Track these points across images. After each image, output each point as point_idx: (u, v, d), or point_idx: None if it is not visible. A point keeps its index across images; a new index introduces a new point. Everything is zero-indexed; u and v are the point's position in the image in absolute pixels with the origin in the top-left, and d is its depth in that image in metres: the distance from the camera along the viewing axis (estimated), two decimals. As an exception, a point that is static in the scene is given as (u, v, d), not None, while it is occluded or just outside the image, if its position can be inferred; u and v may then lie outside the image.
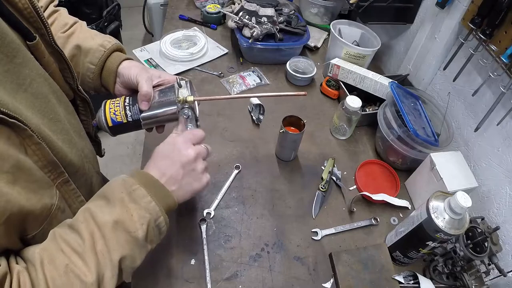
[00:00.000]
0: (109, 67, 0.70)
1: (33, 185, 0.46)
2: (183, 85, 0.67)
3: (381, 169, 0.98)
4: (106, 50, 0.70)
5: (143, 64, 0.73)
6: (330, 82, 1.18)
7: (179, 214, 0.82)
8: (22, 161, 0.44)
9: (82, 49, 0.70)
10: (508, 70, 0.76)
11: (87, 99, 0.70)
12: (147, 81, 0.67)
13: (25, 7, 0.51)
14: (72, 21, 0.73)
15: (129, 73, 0.69)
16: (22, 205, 0.43)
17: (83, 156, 0.61)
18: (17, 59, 0.47)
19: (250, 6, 1.20)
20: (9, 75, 0.45)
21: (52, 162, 0.49)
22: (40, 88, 0.52)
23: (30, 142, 0.45)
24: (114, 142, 2.19)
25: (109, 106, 0.67)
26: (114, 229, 0.49)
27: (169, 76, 0.72)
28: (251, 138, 1.01)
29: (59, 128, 0.54)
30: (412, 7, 1.13)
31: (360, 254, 0.77)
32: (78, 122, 0.66)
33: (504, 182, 0.81)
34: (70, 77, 0.64)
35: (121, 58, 0.72)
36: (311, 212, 0.87)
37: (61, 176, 0.52)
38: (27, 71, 0.49)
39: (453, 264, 0.74)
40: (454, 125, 0.97)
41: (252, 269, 0.76)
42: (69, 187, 0.54)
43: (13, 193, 0.42)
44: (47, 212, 0.49)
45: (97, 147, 0.78)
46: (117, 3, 1.91)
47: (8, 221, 0.42)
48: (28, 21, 0.52)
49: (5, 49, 0.45)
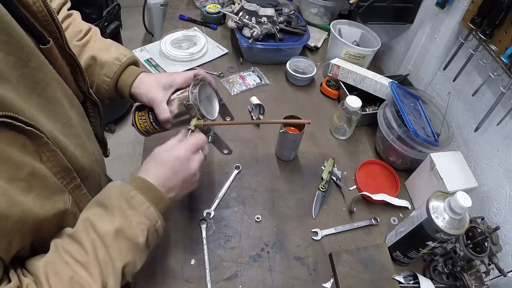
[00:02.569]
0: (124, 81, 0.70)
1: (47, 192, 0.46)
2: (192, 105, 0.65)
3: (381, 169, 0.98)
4: (122, 64, 0.70)
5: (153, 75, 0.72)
6: (330, 82, 1.18)
7: (179, 214, 0.82)
8: (37, 168, 0.44)
9: (98, 61, 0.70)
10: (508, 70, 0.76)
11: (97, 102, 0.70)
12: (161, 104, 0.67)
13: (39, 10, 0.50)
14: (86, 28, 0.73)
15: (140, 94, 0.70)
16: (36, 213, 0.43)
17: (94, 160, 0.61)
18: (32, 63, 0.47)
19: (250, 6, 1.20)
20: (24, 80, 0.45)
21: (66, 168, 0.49)
22: (54, 93, 0.51)
23: (45, 149, 0.45)
24: (114, 142, 2.19)
25: (138, 119, 0.73)
26: (115, 237, 0.49)
27: (180, 79, 0.70)
28: (251, 138, 1.01)
29: (72, 133, 0.54)
30: (412, 7, 1.13)
31: (360, 254, 0.77)
32: (88, 125, 0.66)
33: (504, 182, 0.81)
34: (81, 80, 0.64)
35: (136, 73, 0.71)
36: (311, 212, 0.87)
37: (74, 181, 0.52)
38: (41, 76, 0.49)
39: (453, 264, 0.74)
40: (454, 125, 0.97)
41: (252, 269, 0.76)
42: (80, 192, 0.55)
43: (28, 201, 0.42)
44: (60, 217, 0.49)
45: (103, 148, 0.79)
46: (117, 3, 1.91)
47: (22, 229, 0.42)
48: (42, 25, 0.52)
49: (20, 53, 0.44)
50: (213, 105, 0.74)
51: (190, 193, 0.82)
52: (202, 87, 0.69)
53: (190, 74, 0.71)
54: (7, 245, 0.41)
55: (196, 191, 0.87)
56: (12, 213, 0.40)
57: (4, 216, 0.39)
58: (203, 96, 0.70)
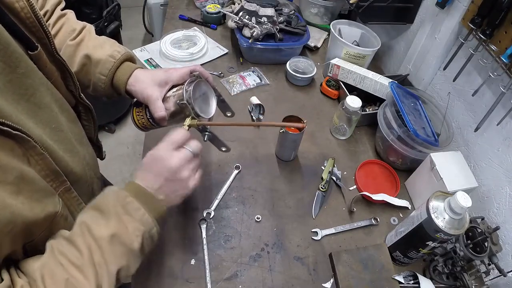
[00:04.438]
0: (120, 78, 0.69)
1: (37, 195, 0.46)
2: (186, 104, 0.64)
3: (381, 169, 0.98)
4: (116, 61, 0.69)
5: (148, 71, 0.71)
6: (330, 82, 1.18)
7: (179, 214, 0.82)
8: (26, 171, 0.44)
9: (92, 59, 0.69)
10: (508, 70, 0.76)
11: (89, 106, 0.70)
12: (155, 102, 0.66)
13: (27, 17, 0.50)
14: (80, 27, 0.72)
15: (135, 92, 0.69)
16: (26, 216, 0.44)
17: (85, 164, 0.61)
18: (20, 69, 0.46)
19: (250, 6, 1.20)
20: (12, 86, 0.45)
21: (55, 171, 0.50)
22: (43, 98, 0.51)
23: (33, 152, 0.45)
24: (114, 142, 2.19)
25: (136, 115, 0.73)
26: (110, 242, 0.49)
27: (176, 76, 0.69)
28: (251, 138, 1.01)
29: (60, 138, 0.54)
30: (412, 7, 1.13)
31: (360, 254, 0.77)
32: (80, 129, 0.66)
33: (504, 182, 0.81)
34: (72, 85, 0.63)
35: (131, 69, 0.70)
36: (311, 212, 0.87)
37: (63, 184, 0.52)
38: (30, 81, 0.48)
39: (453, 264, 0.74)
40: (454, 125, 0.97)
41: (252, 269, 0.76)
42: (71, 195, 0.55)
43: (17, 204, 0.42)
44: (50, 220, 0.49)
45: (98, 151, 0.78)
46: (117, 3, 1.91)
47: (12, 232, 0.42)
48: (30, 31, 0.52)
49: (7, 59, 0.44)
50: (209, 103, 0.71)
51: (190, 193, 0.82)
52: (197, 84, 0.67)
53: (186, 70, 0.69)
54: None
55: (196, 191, 0.86)
56: (1, 215, 0.40)
57: None
58: (198, 94, 0.68)
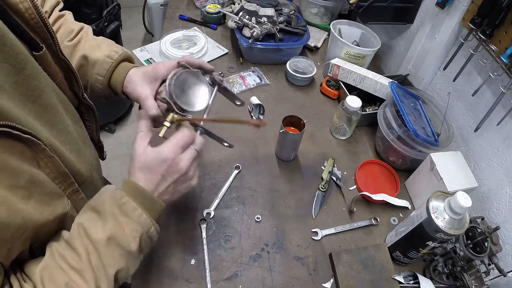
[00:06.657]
0: (116, 79, 0.68)
1: (46, 198, 0.46)
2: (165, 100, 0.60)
3: (381, 169, 0.98)
4: (113, 61, 0.68)
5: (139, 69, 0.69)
6: (330, 82, 1.18)
7: (179, 214, 0.82)
8: (36, 175, 0.44)
9: (89, 60, 0.68)
10: (508, 70, 0.76)
11: (92, 106, 0.70)
12: (145, 101, 0.63)
13: (32, 17, 0.50)
14: (78, 28, 0.71)
15: (129, 93, 0.67)
16: (36, 219, 0.44)
17: (90, 165, 0.61)
18: (26, 71, 0.46)
19: (250, 6, 1.21)
20: (18, 87, 0.45)
21: (64, 173, 0.50)
22: (49, 99, 0.51)
23: (43, 155, 0.45)
24: (114, 142, 2.19)
25: None
26: (108, 244, 0.49)
27: (164, 70, 0.65)
28: (251, 138, 1.01)
29: (67, 139, 0.54)
30: (412, 7, 1.13)
31: (360, 254, 0.77)
32: (84, 130, 0.66)
33: (504, 182, 0.81)
34: (75, 86, 0.63)
35: (126, 70, 0.68)
36: (311, 212, 0.87)
37: (72, 186, 0.52)
38: (35, 83, 0.48)
39: (453, 264, 0.74)
40: (454, 125, 0.97)
41: (252, 269, 0.76)
42: (78, 197, 0.54)
43: (28, 209, 0.42)
44: (59, 221, 0.49)
45: (99, 151, 0.78)
46: (117, 3, 1.91)
47: (23, 236, 0.43)
48: (34, 31, 0.51)
49: (13, 61, 0.44)
50: (199, 94, 0.64)
51: (190, 193, 0.82)
52: (181, 76, 0.61)
53: (174, 63, 0.64)
54: (8, 252, 0.42)
55: (196, 191, 0.87)
56: (13, 221, 0.40)
57: (4, 224, 0.39)
58: (186, 86, 0.62)
